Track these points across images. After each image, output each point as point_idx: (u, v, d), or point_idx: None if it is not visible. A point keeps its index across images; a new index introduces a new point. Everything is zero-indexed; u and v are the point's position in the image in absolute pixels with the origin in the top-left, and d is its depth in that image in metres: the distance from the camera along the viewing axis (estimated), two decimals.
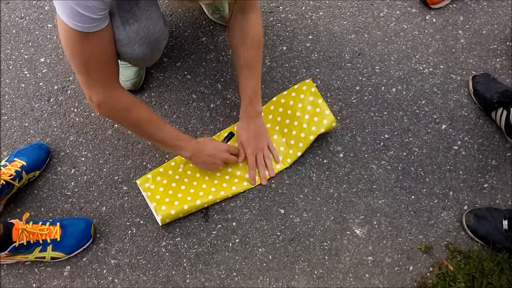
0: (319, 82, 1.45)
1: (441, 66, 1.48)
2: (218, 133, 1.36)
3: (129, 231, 1.26)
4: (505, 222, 1.19)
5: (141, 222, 1.27)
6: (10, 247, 1.10)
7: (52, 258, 1.19)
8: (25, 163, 1.25)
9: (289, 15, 1.56)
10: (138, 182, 1.27)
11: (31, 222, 1.17)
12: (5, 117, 1.39)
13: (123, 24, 0.96)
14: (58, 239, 1.18)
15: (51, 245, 1.17)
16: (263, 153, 1.30)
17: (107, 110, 1.05)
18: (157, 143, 1.21)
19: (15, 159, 1.26)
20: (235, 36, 1.18)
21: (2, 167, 1.23)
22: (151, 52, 1.06)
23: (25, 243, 1.12)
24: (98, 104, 1.01)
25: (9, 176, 1.21)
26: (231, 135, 1.32)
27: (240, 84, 1.23)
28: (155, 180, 1.27)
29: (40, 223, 1.18)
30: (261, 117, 1.30)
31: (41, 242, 1.16)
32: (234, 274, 1.22)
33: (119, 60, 1.07)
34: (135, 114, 1.08)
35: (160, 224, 1.23)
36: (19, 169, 1.23)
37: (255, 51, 1.19)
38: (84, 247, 1.22)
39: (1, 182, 1.19)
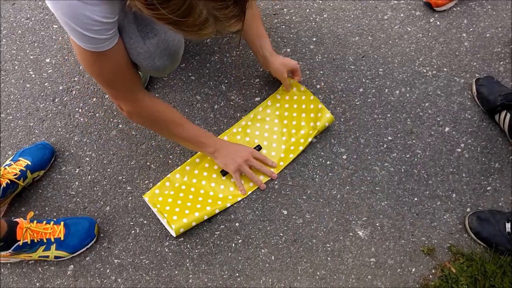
0: (322, 84, 1.45)
1: (445, 69, 1.49)
2: (228, 130, 1.37)
3: (133, 231, 1.26)
4: (508, 225, 1.19)
5: (145, 222, 1.27)
6: (14, 246, 1.11)
7: (56, 257, 1.19)
8: (29, 163, 1.26)
9: (293, 17, 1.57)
10: (146, 198, 1.27)
11: (35, 221, 1.17)
12: (10, 117, 1.40)
13: (143, 38, 0.97)
14: (62, 238, 1.18)
15: (54, 244, 1.18)
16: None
17: (137, 118, 1.13)
18: (182, 142, 1.26)
19: (20, 158, 1.27)
20: None
21: (7, 167, 1.24)
22: (171, 63, 1.08)
23: (29, 242, 1.13)
24: (128, 113, 1.09)
25: (14, 175, 1.21)
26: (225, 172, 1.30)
27: (250, 35, 1.28)
28: (163, 193, 1.27)
29: (44, 222, 1.19)
30: None
31: (45, 241, 1.17)
32: (237, 274, 1.22)
33: None
34: (163, 118, 1.14)
35: (174, 235, 1.22)
36: (24, 169, 1.24)
37: (257, 24, 1.26)
38: (88, 246, 1.23)
39: (6, 181, 1.19)
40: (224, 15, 0.67)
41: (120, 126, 1.39)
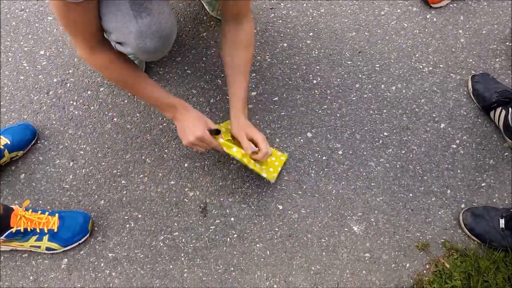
0: (319, 79, 1.45)
1: (441, 65, 1.49)
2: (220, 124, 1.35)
3: (127, 225, 1.26)
4: (501, 221, 1.20)
5: (139, 216, 1.27)
6: (7, 233, 1.10)
7: (48, 248, 1.19)
8: (9, 142, 1.26)
9: (290, 12, 1.56)
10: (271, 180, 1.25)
11: (30, 210, 1.17)
12: (4, 109, 1.38)
13: (135, 17, 0.96)
14: (55, 230, 1.18)
15: (47, 235, 1.17)
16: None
17: (90, 64, 1.18)
18: (142, 99, 1.29)
19: (1, 136, 1.26)
20: (227, 43, 1.20)
21: None
22: (162, 46, 1.06)
23: (22, 230, 1.13)
24: (83, 58, 1.10)
25: None
26: (216, 132, 1.20)
27: (232, 86, 1.22)
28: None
29: (39, 212, 1.18)
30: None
31: (38, 231, 1.16)
32: (232, 269, 1.22)
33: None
34: (114, 73, 1.13)
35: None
36: (1, 147, 1.24)
37: (247, 57, 1.21)
38: (81, 241, 1.22)
39: None
40: None
41: (115, 119, 1.38)
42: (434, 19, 1.57)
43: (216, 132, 1.19)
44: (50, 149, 1.34)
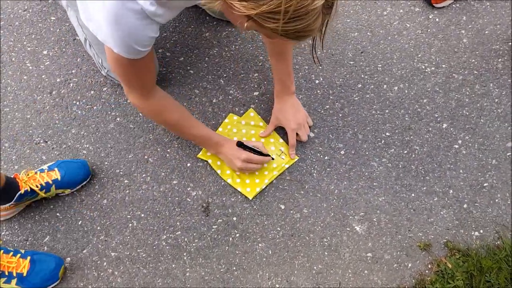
0: (321, 79, 1.45)
1: (443, 66, 1.49)
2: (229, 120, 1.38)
3: (130, 224, 1.26)
4: None
5: (142, 215, 1.27)
6: None
7: None
8: (59, 178, 1.23)
9: None
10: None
11: (2, 251, 1.13)
12: (7, 109, 1.39)
13: None
14: (24, 275, 1.13)
15: (15, 279, 1.13)
16: (305, 129, 1.33)
17: (143, 112, 1.29)
18: (189, 139, 1.33)
19: (55, 169, 1.24)
20: (272, 58, 1.28)
21: (39, 172, 1.22)
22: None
23: None
24: (136, 106, 1.17)
25: (38, 185, 1.19)
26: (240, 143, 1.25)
27: (273, 68, 1.31)
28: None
29: (11, 253, 1.14)
30: (295, 96, 1.34)
31: (6, 274, 1.12)
32: (234, 268, 1.22)
33: None
34: (168, 116, 1.20)
35: (251, 196, 1.29)
36: (50, 182, 1.22)
37: (290, 63, 1.28)
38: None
39: (26, 188, 1.17)
40: None
41: (118, 119, 1.38)
42: (437, 19, 1.57)
43: (240, 144, 1.24)
44: (53, 148, 1.34)
